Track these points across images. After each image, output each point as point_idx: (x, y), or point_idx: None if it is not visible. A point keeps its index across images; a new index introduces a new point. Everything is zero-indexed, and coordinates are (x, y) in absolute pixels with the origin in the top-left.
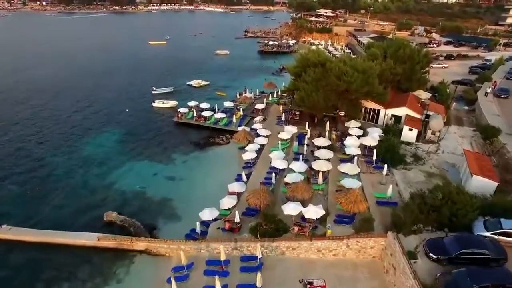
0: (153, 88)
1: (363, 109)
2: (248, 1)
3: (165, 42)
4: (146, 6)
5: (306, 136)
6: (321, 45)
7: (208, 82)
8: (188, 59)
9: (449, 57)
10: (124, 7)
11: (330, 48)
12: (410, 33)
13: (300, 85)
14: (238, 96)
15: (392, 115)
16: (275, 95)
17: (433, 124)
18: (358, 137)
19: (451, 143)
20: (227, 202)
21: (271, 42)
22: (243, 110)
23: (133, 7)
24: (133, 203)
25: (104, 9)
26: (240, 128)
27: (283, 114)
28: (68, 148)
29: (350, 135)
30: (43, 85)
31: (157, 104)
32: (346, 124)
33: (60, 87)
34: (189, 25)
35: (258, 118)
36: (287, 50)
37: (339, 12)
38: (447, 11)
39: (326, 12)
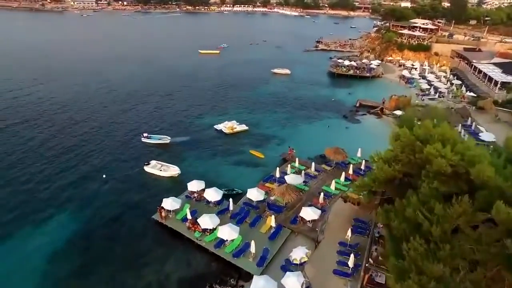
0: (144, 134)
1: None
2: (326, 5)
3: (218, 52)
4: (219, 7)
5: None
6: (415, 68)
7: (246, 128)
8: (235, 80)
9: None
10: (197, 7)
11: (429, 76)
12: None
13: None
14: (277, 173)
15: None
16: (342, 177)
17: None
18: None
19: None
20: None
21: (346, 62)
22: (276, 210)
23: (206, 7)
24: None
25: (178, 9)
26: (259, 282)
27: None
28: None
29: None
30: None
31: (152, 169)
32: None
33: (39, 118)
34: (255, 29)
35: (303, 253)
36: (367, 74)
37: (439, 22)
38: None
39: (425, 24)
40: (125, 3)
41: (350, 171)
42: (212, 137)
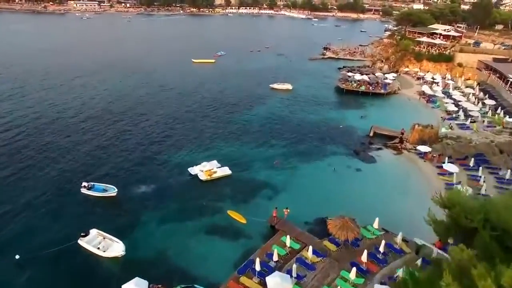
0: (84, 184)
1: None
2: (335, 7)
3: (213, 61)
4: (224, 9)
5: None
6: (437, 83)
7: (229, 172)
8: (226, 99)
9: None
10: (202, 9)
11: (454, 94)
12: None
13: None
14: (258, 264)
15: None
16: (353, 272)
17: None
18: None
19: None
20: None
21: (357, 76)
22: None
23: (210, 9)
24: None
25: (182, 11)
26: None
27: None
28: None
29: None
30: None
31: (88, 244)
32: None
33: None
34: (259, 33)
35: None
36: (382, 90)
37: (458, 26)
38: None
39: (446, 31)
40: (127, 5)
41: (364, 256)
42: (183, 186)
